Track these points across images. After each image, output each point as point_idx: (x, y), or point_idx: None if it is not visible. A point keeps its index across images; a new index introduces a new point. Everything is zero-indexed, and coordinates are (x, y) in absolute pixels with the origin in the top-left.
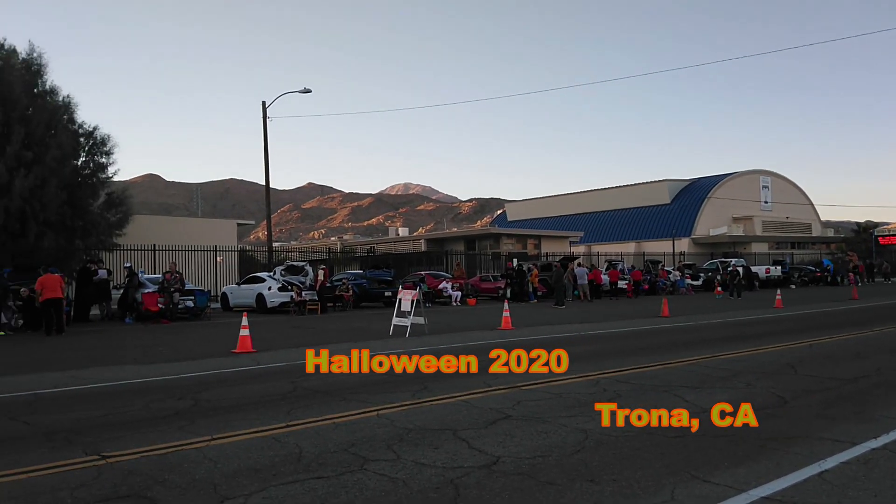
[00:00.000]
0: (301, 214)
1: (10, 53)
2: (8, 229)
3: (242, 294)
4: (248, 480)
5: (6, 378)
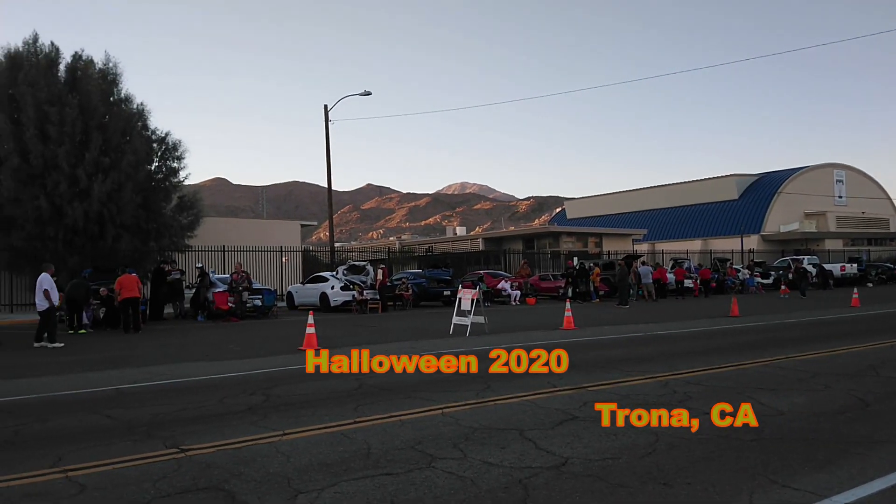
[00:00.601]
0: (360, 215)
1: (88, 64)
2: (87, 232)
3: (307, 293)
4: (319, 475)
5: (90, 374)
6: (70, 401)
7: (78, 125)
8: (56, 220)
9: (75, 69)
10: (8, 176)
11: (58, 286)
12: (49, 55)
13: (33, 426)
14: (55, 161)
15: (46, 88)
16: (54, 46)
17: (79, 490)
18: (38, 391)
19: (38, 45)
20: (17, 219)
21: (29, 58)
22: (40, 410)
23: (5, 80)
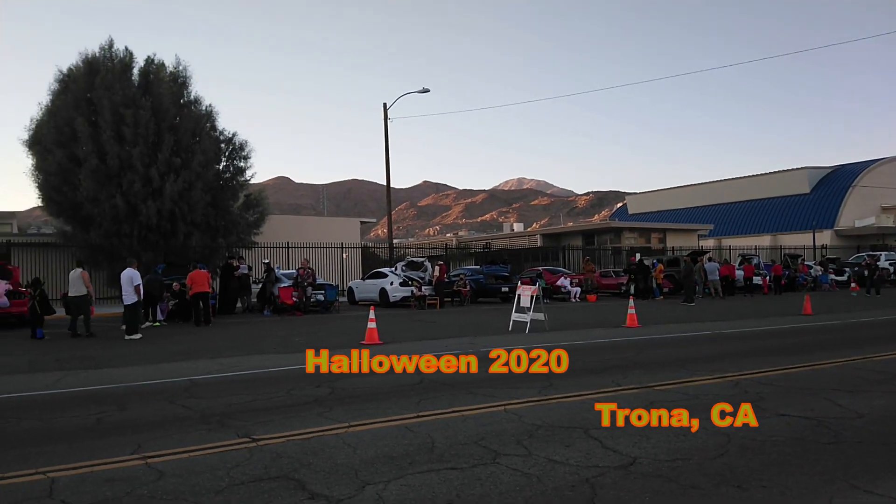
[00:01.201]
0: (417, 212)
1: (160, 67)
2: (161, 229)
3: (367, 288)
4: (385, 467)
5: (165, 365)
6: (147, 390)
7: (151, 127)
8: (131, 218)
9: (148, 73)
10: (87, 176)
11: None
12: (123, 59)
13: (114, 414)
14: (130, 161)
15: (121, 92)
16: (128, 51)
17: (157, 476)
18: (118, 381)
19: (113, 50)
20: (96, 217)
21: (105, 62)
22: (120, 399)
23: (83, 85)
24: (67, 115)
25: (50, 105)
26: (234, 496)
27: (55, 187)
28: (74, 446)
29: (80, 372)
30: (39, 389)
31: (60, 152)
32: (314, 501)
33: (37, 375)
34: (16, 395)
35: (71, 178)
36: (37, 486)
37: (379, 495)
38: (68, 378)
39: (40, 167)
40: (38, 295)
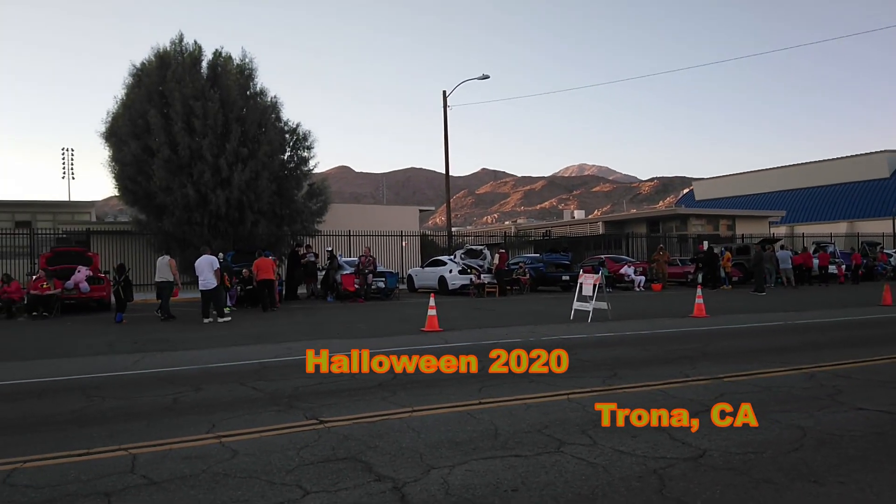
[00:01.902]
0: (475, 199)
1: (227, 60)
2: (229, 218)
3: (426, 276)
4: (449, 452)
5: (235, 348)
6: (220, 372)
7: (219, 118)
8: (202, 206)
9: (216, 65)
10: (160, 167)
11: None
12: (193, 53)
13: (189, 395)
14: (200, 152)
15: (191, 84)
16: (197, 45)
17: (231, 455)
18: (191, 363)
19: (183, 44)
20: (168, 206)
21: (175, 56)
22: (195, 380)
23: (156, 78)
24: (141, 107)
25: (125, 98)
26: (304, 476)
27: (130, 177)
28: (153, 424)
29: (157, 354)
30: (119, 370)
31: (135, 144)
32: (381, 483)
33: (117, 357)
34: (98, 375)
35: (145, 168)
36: (120, 461)
37: (444, 479)
38: (146, 360)
39: (116, 158)
40: (123, 281)
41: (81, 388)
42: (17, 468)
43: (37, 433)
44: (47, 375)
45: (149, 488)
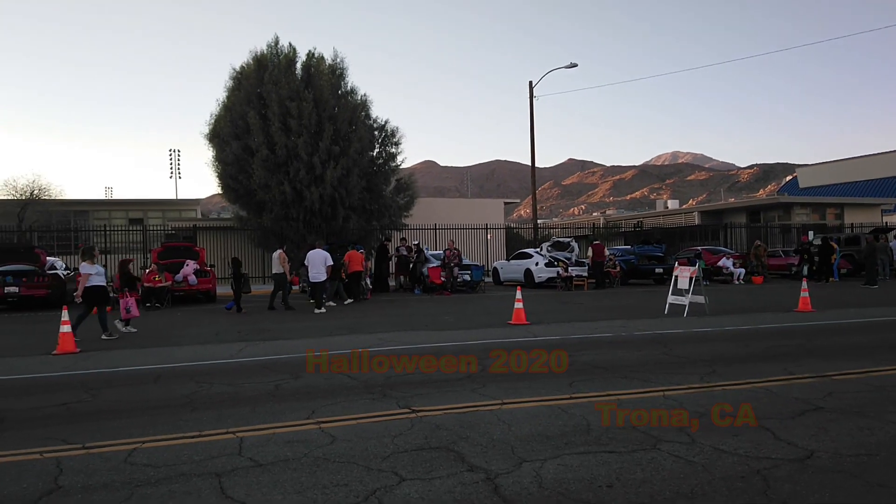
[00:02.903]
0: (561, 191)
1: (320, 61)
2: (322, 213)
3: (512, 269)
4: (541, 446)
5: (331, 338)
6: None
7: (313, 118)
8: (297, 203)
9: (309, 66)
10: (259, 165)
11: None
12: (288, 55)
13: (289, 382)
14: (296, 151)
15: (287, 86)
16: (292, 47)
17: (331, 440)
18: (290, 351)
19: (278, 46)
20: (267, 203)
21: (272, 59)
22: (294, 368)
23: (254, 81)
24: (241, 109)
25: (226, 101)
26: (399, 463)
27: (232, 176)
28: (257, 409)
29: (259, 343)
30: (225, 358)
31: (236, 144)
32: (473, 473)
33: (222, 346)
34: (206, 362)
35: (245, 167)
36: (229, 443)
37: (536, 473)
38: (249, 348)
39: (219, 158)
40: (238, 274)
41: (192, 374)
42: (137, 448)
43: (153, 415)
44: (161, 362)
45: (255, 470)
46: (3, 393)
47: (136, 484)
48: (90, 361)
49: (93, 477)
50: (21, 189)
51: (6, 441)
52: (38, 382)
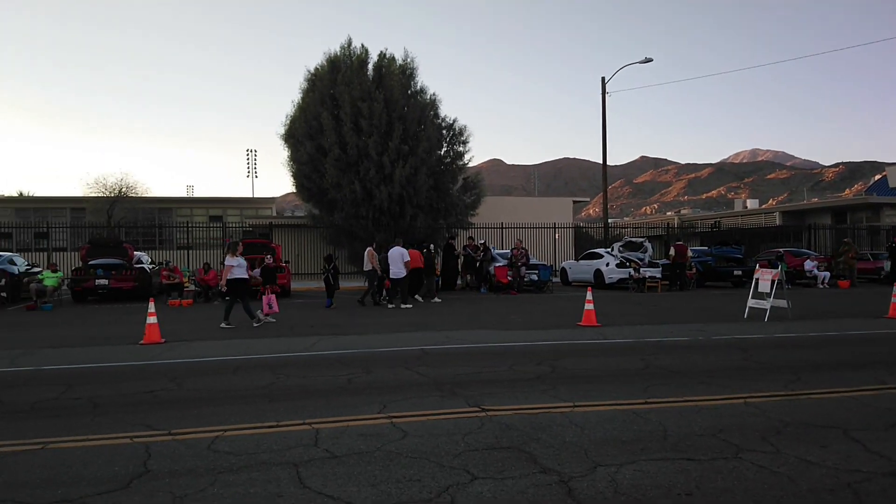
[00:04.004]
0: (632, 189)
1: (391, 61)
2: (391, 212)
3: (581, 269)
4: (615, 450)
5: (399, 335)
6: (387, 356)
7: (383, 118)
8: (367, 201)
9: (380, 67)
10: (331, 165)
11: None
12: (360, 56)
13: (361, 376)
14: (366, 150)
15: (359, 86)
16: (364, 48)
17: (402, 435)
18: (361, 346)
19: (351, 48)
20: (338, 201)
21: (344, 60)
22: (365, 363)
23: (327, 82)
24: (315, 110)
25: (300, 102)
26: (470, 461)
27: (306, 175)
28: (331, 402)
29: (331, 337)
30: (300, 351)
31: (310, 144)
32: (546, 475)
33: (297, 339)
34: (282, 354)
35: (318, 166)
36: (305, 434)
37: (612, 477)
38: (322, 342)
39: (294, 158)
40: (332, 269)
41: (269, 365)
42: (219, 436)
43: (234, 405)
44: (240, 353)
45: (331, 461)
46: (96, 380)
47: (218, 471)
48: (174, 351)
49: (179, 462)
50: (110, 187)
51: (100, 425)
52: (127, 371)
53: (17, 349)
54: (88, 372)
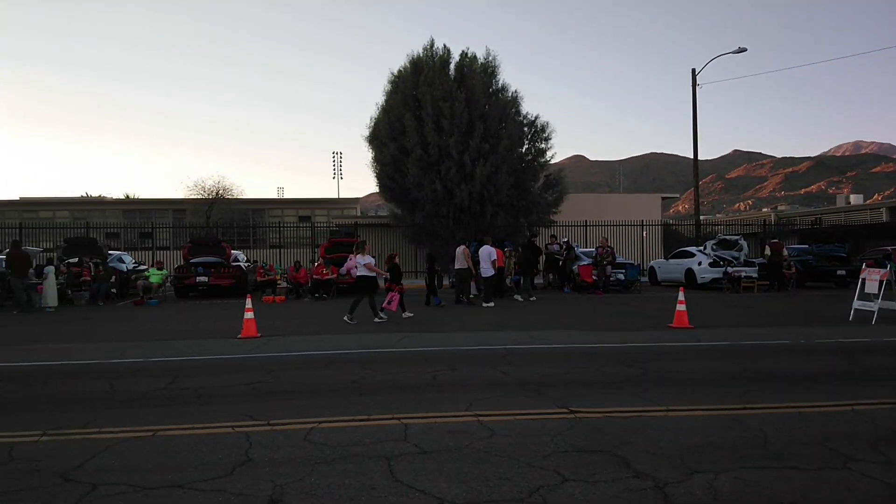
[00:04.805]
0: (724, 185)
1: (472, 60)
2: (471, 210)
3: (671, 269)
4: (712, 457)
5: (483, 333)
6: (471, 355)
7: (464, 117)
8: (448, 200)
9: (462, 66)
10: (413, 165)
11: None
12: (442, 57)
13: (447, 374)
14: (447, 150)
15: (440, 87)
16: (446, 48)
17: (490, 434)
18: (446, 344)
19: (433, 49)
20: (420, 200)
21: (427, 61)
22: (450, 360)
23: (410, 84)
24: (398, 112)
25: (384, 105)
26: (560, 463)
27: (389, 175)
28: (418, 398)
29: (416, 335)
30: (386, 347)
31: (393, 145)
32: (640, 480)
33: (383, 335)
34: (370, 350)
35: (401, 167)
36: (394, 429)
37: (710, 485)
38: (407, 339)
39: (377, 159)
40: (434, 269)
41: (357, 361)
42: (314, 427)
43: (326, 398)
44: (330, 348)
45: (421, 456)
46: (199, 371)
47: (315, 461)
48: (270, 345)
49: (277, 452)
50: (208, 189)
51: (204, 414)
52: (227, 363)
53: (128, 342)
54: (192, 364)
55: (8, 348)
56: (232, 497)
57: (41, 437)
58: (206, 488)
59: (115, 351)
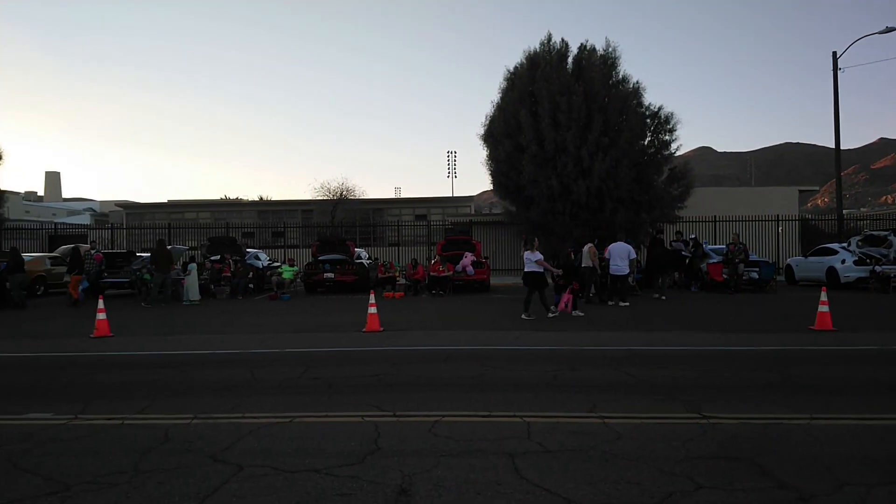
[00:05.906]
0: (869, 176)
1: (591, 53)
2: (589, 206)
3: (810, 267)
4: (865, 469)
5: (603, 333)
6: (592, 355)
7: (582, 111)
8: (564, 196)
9: (580, 59)
10: (528, 161)
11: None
12: (560, 51)
13: (567, 373)
14: (564, 145)
15: (557, 81)
16: (564, 42)
17: (615, 437)
18: (564, 343)
19: (550, 43)
20: (535, 197)
21: (544, 56)
22: (569, 360)
23: (526, 80)
24: (514, 108)
25: (499, 102)
26: (694, 470)
27: (503, 173)
28: (539, 396)
29: (532, 332)
30: (504, 345)
31: (508, 142)
32: (784, 491)
33: (499, 332)
34: (486, 347)
35: (516, 164)
36: (516, 426)
37: (862, 499)
38: (524, 337)
39: (492, 156)
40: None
41: (476, 357)
42: (438, 420)
43: (448, 391)
44: (448, 344)
45: (545, 455)
46: (329, 362)
47: (440, 454)
48: (392, 340)
49: (405, 442)
50: (333, 191)
51: (336, 404)
52: (353, 355)
53: (264, 334)
54: (322, 355)
55: (160, 338)
56: (365, 484)
57: (192, 420)
58: (341, 474)
59: (253, 342)
